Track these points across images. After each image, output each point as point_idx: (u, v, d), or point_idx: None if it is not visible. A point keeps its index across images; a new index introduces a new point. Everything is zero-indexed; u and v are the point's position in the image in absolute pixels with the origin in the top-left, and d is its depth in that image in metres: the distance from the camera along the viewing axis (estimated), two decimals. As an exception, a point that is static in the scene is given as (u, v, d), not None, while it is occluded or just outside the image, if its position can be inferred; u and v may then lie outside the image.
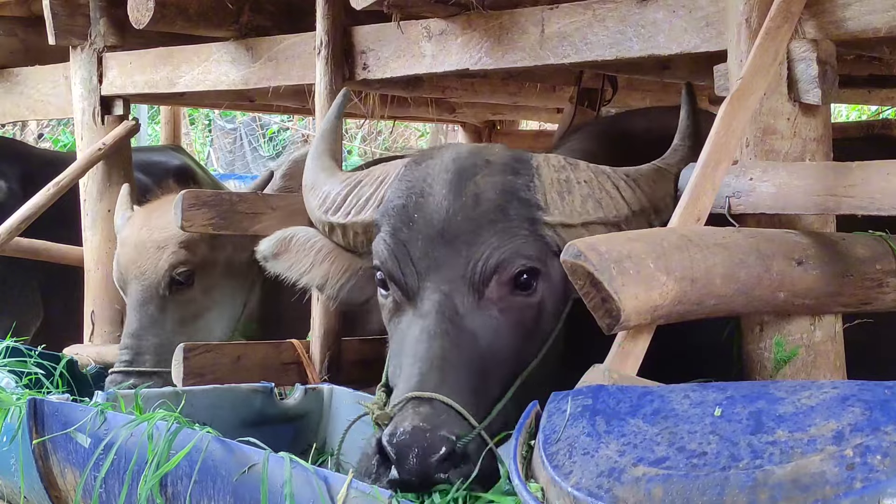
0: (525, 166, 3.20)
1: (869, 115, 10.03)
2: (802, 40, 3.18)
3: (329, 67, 4.65)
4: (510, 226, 3.10)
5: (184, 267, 5.04)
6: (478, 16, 4.15)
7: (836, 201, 2.94)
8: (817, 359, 3.10)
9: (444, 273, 3.08)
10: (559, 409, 2.47)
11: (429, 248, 3.11)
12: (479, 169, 3.20)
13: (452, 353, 2.96)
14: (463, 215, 3.11)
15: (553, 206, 3.13)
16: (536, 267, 3.10)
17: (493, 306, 3.08)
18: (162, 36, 5.56)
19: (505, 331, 3.07)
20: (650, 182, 3.24)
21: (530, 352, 3.11)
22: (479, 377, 2.97)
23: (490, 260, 3.06)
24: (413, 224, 3.16)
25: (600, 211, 3.15)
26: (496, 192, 3.13)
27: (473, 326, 3.04)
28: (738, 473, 2.08)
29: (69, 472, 3.77)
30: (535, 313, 3.13)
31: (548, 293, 3.15)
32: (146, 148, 9.56)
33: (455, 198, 3.14)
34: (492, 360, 3.03)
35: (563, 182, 3.17)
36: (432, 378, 2.90)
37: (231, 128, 18.73)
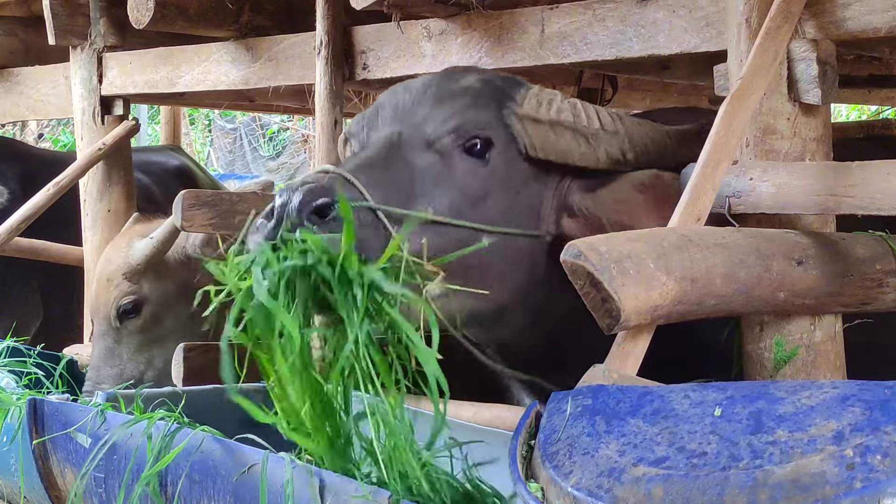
0: (517, 80, 3.34)
1: (869, 115, 10.03)
2: (802, 40, 3.18)
3: (329, 67, 4.65)
4: (479, 102, 3.20)
5: (129, 297, 5.09)
6: (478, 16, 4.15)
7: (836, 201, 2.94)
8: (817, 359, 3.10)
9: (400, 123, 3.18)
10: (559, 409, 2.47)
11: (398, 110, 3.23)
12: (473, 69, 3.41)
13: (379, 163, 3.03)
14: (439, 87, 3.25)
15: (527, 104, 3.22)
16: (491, 138, 3.17)
17: (439, 156, 3.14)
18: (162, 36, 5.57)
19: (443, 179, 3.09)
20: (634, 122, 3.28)
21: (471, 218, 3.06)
22: (398, 193, 2.95)
23: (448, 122, 3.15)
24: (394, 96, 3.29)
25: (570, 118, 3.20)
26: (478, 80, 3.29)
27: (412, 161, 3.09)
28: (738, 473, 2.08)
29: (69, 472, 3.77)
30: (483, 186, 3.14)
31: (502, 179, 3.17)
32: (146, 148, 9.57)
33: (438, 77, 3.32)
34: (419, 194, 3.02)
35: (548, 98, 3.25)
36: (348, 165, 2.99)
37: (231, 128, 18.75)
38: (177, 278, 5.20)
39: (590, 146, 3.20)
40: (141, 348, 5.16)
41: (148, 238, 5.09)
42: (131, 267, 5.08)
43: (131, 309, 5.10)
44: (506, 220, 3.16)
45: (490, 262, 3.11)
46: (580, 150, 3.20)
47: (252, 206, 4.78)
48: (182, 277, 5.20)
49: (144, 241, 5.07)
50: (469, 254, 2.86)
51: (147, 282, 5.12)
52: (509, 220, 3.16)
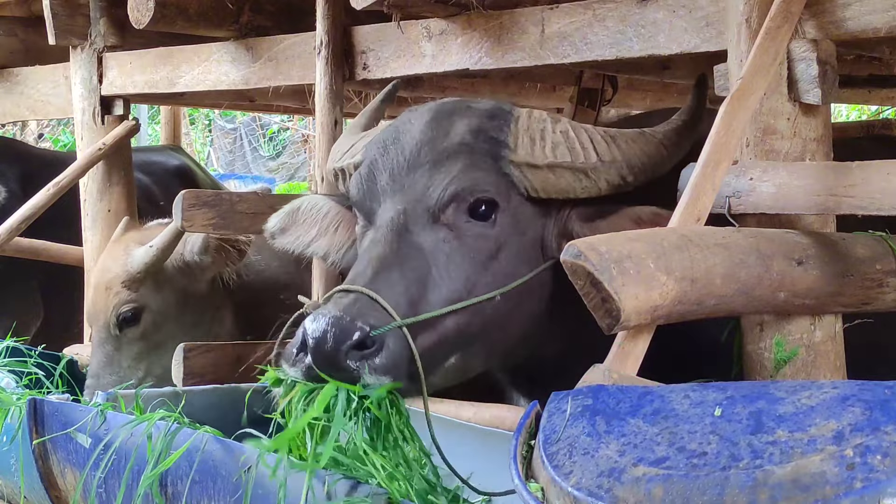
0: (504, 114, 3.30)
1: (869, 115, 10.03)
2: (802, 40, 3.18)
3: (329, 67, 4.66)
4: (475, 159, 3.19)
5: (128, 306, 5.09)
6: (478, 16, 4.15)
7: (836, 201, 2.94)
8: (817, 359, 3.10)
9: (403, 196, 3.19)
10: (559, 409, 2.47)
11: (395, 176, 3.23)
12: (458, 112, 3.33)
13: (392, 259, 3.04)
14: (431, 146, 3.22)
15: (521, 148, 3.20)
16: (494, 199, 3.17)
17: (447, 229, 3.15)
18: (162, 36, 5.57)
19: (455, 254, 3.12)
20: (628, 141, 3.25)
21: (484, 283, 3.11)
22: (417, 287, 3.01)
23: (449, 188, 3.15)
24: (386, 155, 3.28)
25: (568, 156, 3.19)
26: (468, 129, 3.24)
27: (422, 242, 3.11)
28: (739, 473, 2.08)
29: (69, 472, 3.77)
30: (493, 246, 3.17)
31: (510, 230, 3.20)
32: (146, 148, 9.57)
33: (428, 132, 3.27)
34: (436, 277, 3.06)
35: (539, 131, 3.23)
36: (366, 276, 2.99)
37: (231, 128, 18.75)
38: (175, 285, 5.20)
39: (590, 180, 3.20)
40: (140, 356, 5.16)
41: (147, 246, 5.09)
42: (130, 275, 5.09)
43: (131, 317, 5.11)
44: (516, 264, 3.19)
45: (507, 310, 3.17)
46: (581, 186, 3.20)
47: (252, 207, 4.79)
48: (180, 284, 5.21)
49: (143, 248, 5.07)
50: (489, 312, 3.09)
51: (146, 290, 5.13)
52: (519, 264, 3.20)
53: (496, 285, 3.12)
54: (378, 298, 2.89)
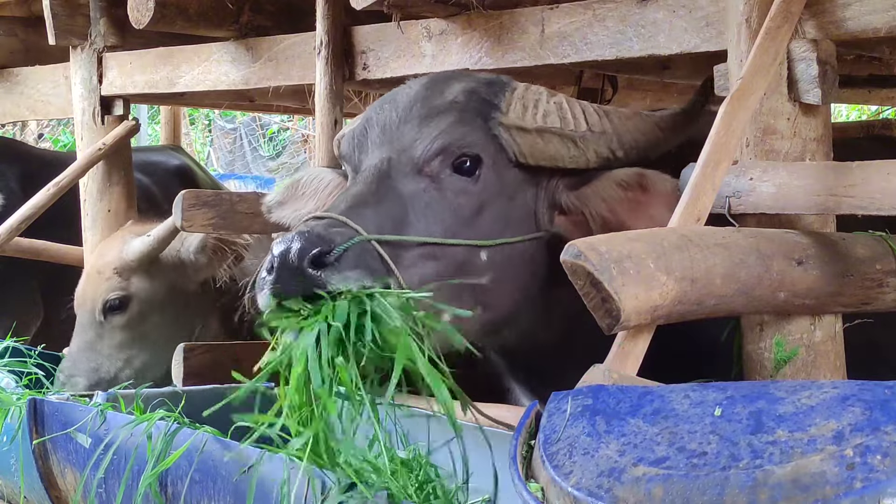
0: (502, 84, 3.33)
1: (869, 115, 10.02)
2: (802, 40, 3.18)
3: (329, 67, 4.65)
4: (464, 116, 3.21)
5: (116, 293, 5.08)
6: (478, 16, 4.15)
7: (836, 201, 2.94)
8: (817, 359, 3.10)
9: (390, 146, 3.20)
10: (559, 409, 2.47)
11: (386, 129, 3.25)
12: (457, 77, 3.38)
13: (369, 197, 3.04)
14: (424, 103, 3.25)
15: (513, 112, 3.22)
16: (479, 155, 3.18)
17: (429, 180, 3.16)
18: (162, 36, 5.56)
19: (435, 203, 3.12)
20: (621, 117, 3.27)
21: (467, 237, 3.10)
22: (394, 224, 2.99)
23: (436, 141, 3.16)
24: (381, 112, 3.31)
25: (558, 123, 3.20)
26: (462, 91, 3.27)
27: (402, 188, 3.11)
28: (739, 473, 2.08)
29: (69, 472, 3.77)
30: (475, 202, 3.17)
31: (494, 190, 3.19)
32: (146, 148, 9.56)
33: (423, 91, 3.30)
34: (412, 220, 3.05)
35: (533, 100, 3.25)
36: (339, 208, 2.98)
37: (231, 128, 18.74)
38: (166, 280, 5.20)
39: (578, 149, 3.20)
40: (122, 346, 5.15)
41: (145, 236, 5.08)
42: (124, 262, 5.08)
43: (118, 305, 5.10)
44: (502, 228, 3.19)
45: (495, 273, 3.14)
46: (570, 154, 3.21)
47: (252, 207, 4.80)
48: (171, 280, 5.20)
49: (141, 238, 5.07)
50: (473, 270, 3.03)
51: (137, 279, 5.12)
52: (505, 228, 3.19)
53: (476, 238, 3.11)
54: (347, 221, 2.87)
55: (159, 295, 5.19)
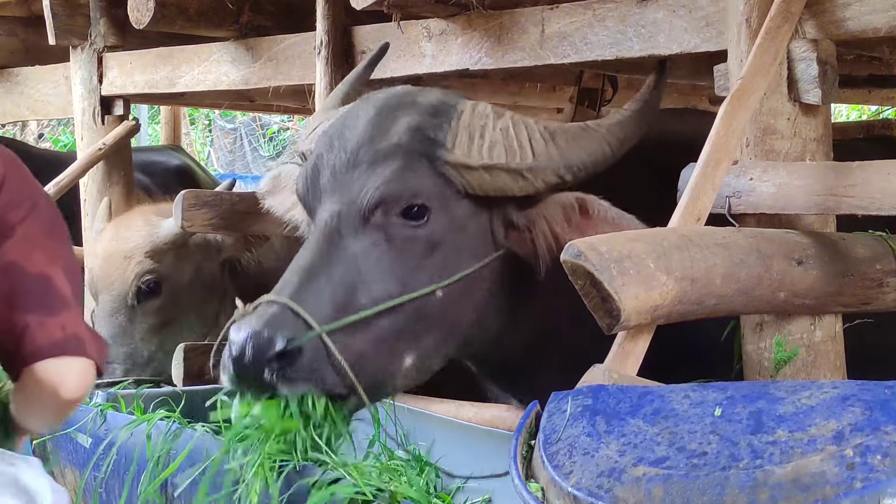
0: (447, 109, 3.23)
1: (869, 115, 10.02)
2: (802, 40, 3.18)
3: (329, 67, 4.65)
4: (409, 161, 3.14)
5: (150, 276, 5.07)
6: (478, 16, 4.15)
7: (836, 201, 2.94)
8: (817, 359, 3.10)
9: (340, 196, 3.16)
10: (559, 409, 2.47)
11: (336, 174, 3.20)
12: (403, 107, 3.26)
13: (319, 266, 3.04)
14: (369, 146, 3.18)
15: (458, 148, 3.15)
16: (425, 203, 3.13)
17: (378, 231, 3.12)
18: (162, 36, 5.57)
19: (386, 256, 3.10)
20: (568, 138, 3.19)
21: (419, 282, 3.09)
22: (344, 293, 3.01)
23: (378, 190, 3.11)
24: (330, 152, 3.25)
25: (502, 158, 3.13)
26: (406, 128, 3.18)
27: (353, 247, 3.09)
28: (739, 473, 2.08)
29: (69, 472, 3.77)
30: (426, 246, 3.13)
31: (446, 229, 3.15)
32: (146, 148, 9.56)
33: (369, 129, 3.22)
34: (367, 280, 3.05)
35: (479, 127, 3.18)
36: (291, 285, 2.99)
37: (231, 128, 18.73)
38: (194, 261, 5.19)
39: (526, 180, 3.13)
40: (155, 329, 5.12)
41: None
42: (156, 245, 5.05)
43: (153, 288, 5.08)
44: (457, 261, 3.16)
45: (453, 303, 3.15)
46: (518, 185, 3.14)
47: (252, 207, 4.80)
48: (198, 261, 5.20)
49: (171, 220, 5.05)
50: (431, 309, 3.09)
51: (168, 261, 5.11)
52: (460, 259, 3.17)
53: (434, 282, 3.10)
54: (299, 310, 2.91)
55: (187, 276, 5.18)
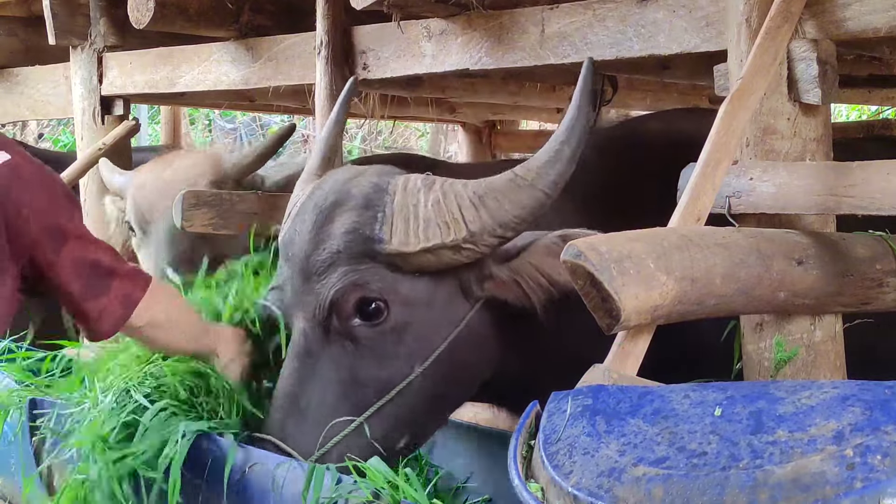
0: (379, 198, 3.19)
1: (869, 115, 10.02)
2: (802, 40, 3.18)
3: (329, 67, 4.65)
4: (350, 264, 3.15)
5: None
6: (478, 16, 4.15)
7: (837, 201, 2.94)
8: (817, 359, 3.10)
9: (302, 310, 3.22)
10: (559, 409, 2.47)
11: (295, 287, 3.25)
12: (338, 206, 3.24)
13: (299, 393, 3.15)
14: (314, 257, 3.20)
15: (395, 236, 3.13)
16: (376, 297, 3.14)
17: (343, 340, 3.17)
18: (162, 36, 5.56)
19: (359, 361, 3.16)
20: (497, 197, 3.12)
21: (398, 371, 3.16)
22: (328, 410, 3.12)
23: (327, 299, 3.15)
24: (287, 262, 3.30)
25: (438, 237, 3.10)
26: (343, 232, 3.18)
27: (325, 361, 3.17)
28: (739, 473, 2.08)
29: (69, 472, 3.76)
30: (394, 337, 3.17)
31: (408, 314, 3.17)
32: (146, 148, 9.55)
33: (311, 238, 3.23)
34: (347, 389, 3.14)
35: (412, 207, 3.15)
36: (276, 421, 3.16)
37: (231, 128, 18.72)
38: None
39: (469, 249, 3.11)
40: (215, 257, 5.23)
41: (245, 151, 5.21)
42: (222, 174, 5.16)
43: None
44: (431, 334, 3.19)
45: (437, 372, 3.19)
46: (463, 255, 3.12)
47: (252, 207, 4.80)
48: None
49: (237, 153, 5.16)
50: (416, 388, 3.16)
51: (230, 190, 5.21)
52: (434, 332, 3.19)
53: (412, 365, 3.16)
54: (283, 447, 3.06)
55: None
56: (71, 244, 2.99)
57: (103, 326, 3.10)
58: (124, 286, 3.09)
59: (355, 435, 3.11)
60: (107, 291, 3.05)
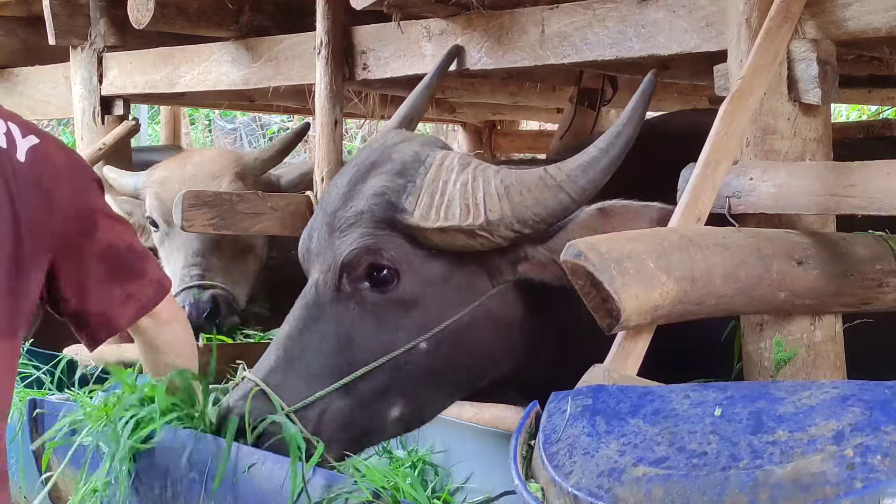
0: (415, 167, 3.20)
1: (869, 115, 10.02)
2: (802, 40, 3.18)
3: (329, 67, 4.65)
4: (370, 227, 3.16)
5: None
6: (478, 16, 4.15)
7: (837, 201, 2.94)
8: (817, 359, 3.10)
9: (320, 262, 3.24)
10: (559, 409, 2.47)
11: (321, 237, 3.28)
12: (375, 167, 3.26)
13: (297, 339, 3.16)
14: (341, 213, 3.23)
15: (418, 209, 3.12)
16: (388, 265, 3.14)
17: (350, 300, 3.17)
18: (162, 36, 5.56)
19: (361, 322, 3.15)
20: (522, 191, 3.08)
21: (400, 341, 3.14)
22: (320, 363, 3.12)
23: (341, 258, 3.17)
24: (320, 211, 3.34)
25: (455, 218, 3.08)
26: (372, 193, 3.19)
27: (328, 315, 3.17)
28: (739, 473, 2.08)
29: (69, 472, 3.76)
30: (401, 307, 3.16)
31: (422, 288, 3.16)
32: (146, 148, 9.56)
33: (344, 194, 3.27)
34: (343, 347, 3.13)
35: (442, 183, 3.14)
36: (268, 361, 3.16)
37: (231, 128, 18.72)
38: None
39: (485, 238, 3.08)
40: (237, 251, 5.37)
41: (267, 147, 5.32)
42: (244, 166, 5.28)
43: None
44: (441, 309, 3.16)
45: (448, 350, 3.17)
46: (478, 242, 3.10)
47: (252, 207, 4.80)
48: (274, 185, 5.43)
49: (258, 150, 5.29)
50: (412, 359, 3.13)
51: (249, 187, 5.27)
52: (445, 308, 3.16)
53: (413, 338, 3.13)
54: (268, 391, 3.07)
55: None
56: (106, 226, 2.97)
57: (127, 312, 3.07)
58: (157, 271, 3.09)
59: (341, 395, 3.10)
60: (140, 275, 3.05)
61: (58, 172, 2.88)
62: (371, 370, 3.10)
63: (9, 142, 2.80)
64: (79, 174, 2.98)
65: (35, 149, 2.84)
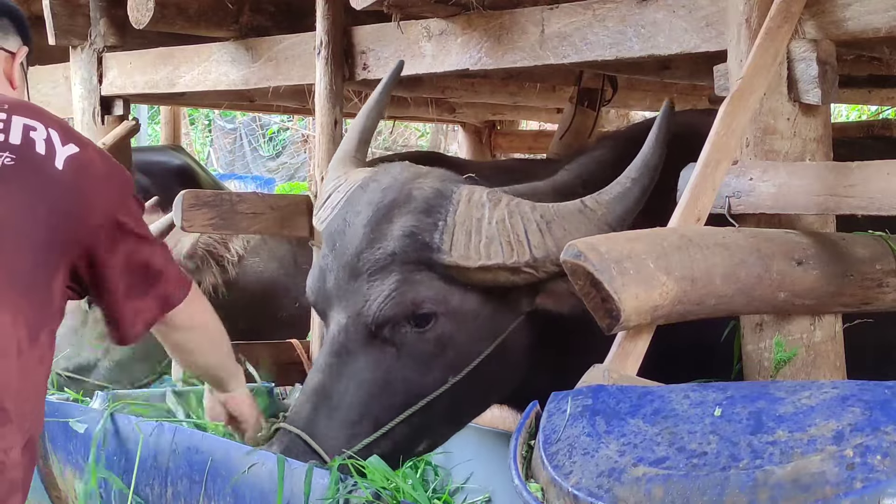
0: (441, 205, 3.15)
1: (869, 115, 10.02)
2: (802, 40, 3.18)
3: (329, 67, 4.65)
4: (408, 272, 3.12)
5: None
6: (478, 16, 4.15)
7: (836, 201, 2.94)
8: (817, 359, 3.10)
9: (345, 306, 3.17)
10: (559, 409, 2.47)
11: (340, 279, 3.20)
12: (398, 206, 3.18)
13: (331, 388, 3.11)
14: (368, 254, 3.15)
15: (455, 248, 3.09)
16: (431, 311, 3.12)
17: (385, 343, 3.14)
18: (162, 36, 5.56)
19: (397, 364, 3.13)
20: (564, 226, 3.08)
21: (434, 380, 3.14)
22: (359, 410, 3.09)
23: (383, 307, 3.10)
24: (334, 252, 3.24)
25: (500, 256, 3.06)
26: (401, 234, 3.13)
27: (362, 360, 3.13)
28: (739, 473, 2.08)
29: (69, 472, 3.77)
30: (436, 346, 3.14)
31: (455, 325, 3.15)
32: (146, 148, 9.56)
33: (367, 234, 3.18)
34: (381, 392, 3.12)
35: (476, 220, 3.11)
36: (305, 412, 3.10)
37: (231, 128, 18.74)
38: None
39: (528, 273, 3.08)
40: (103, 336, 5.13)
41: None
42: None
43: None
44: (470, 345, 3.17)
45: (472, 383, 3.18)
46: (521, 278, 3.09)
47: (252, 207, 4.80)
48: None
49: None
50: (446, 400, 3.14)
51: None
52: (473, 343, 3.17)
53: (446, 375, 3.14)
54: (311, 443, 3.03)
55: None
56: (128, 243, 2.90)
57: (136, 328, 2.98)
58: (167, 287, 2.99)
59: (381, 438, 3.10)
60: (148, 292, 2.95)
61: (93, 184, 2.84)
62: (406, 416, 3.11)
63: (48, 148, 2.78)
64: (114, 187, 2.93)
65: (73, 158, 2.80)
